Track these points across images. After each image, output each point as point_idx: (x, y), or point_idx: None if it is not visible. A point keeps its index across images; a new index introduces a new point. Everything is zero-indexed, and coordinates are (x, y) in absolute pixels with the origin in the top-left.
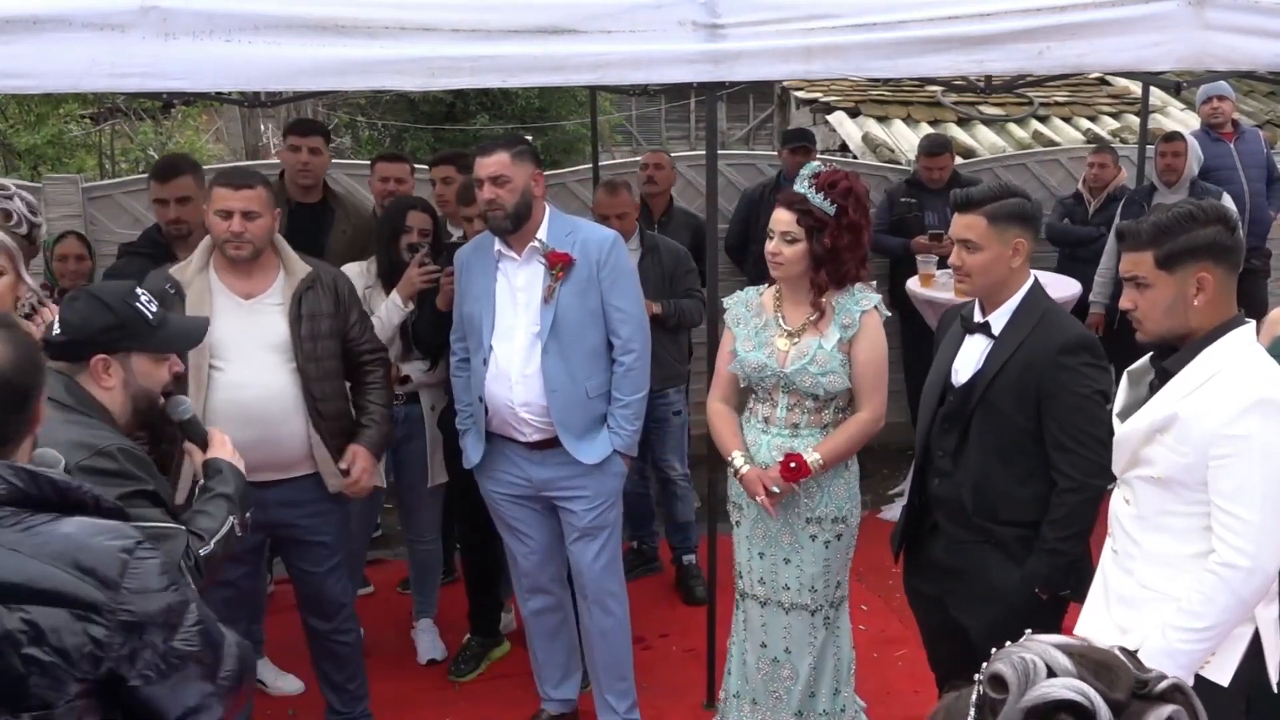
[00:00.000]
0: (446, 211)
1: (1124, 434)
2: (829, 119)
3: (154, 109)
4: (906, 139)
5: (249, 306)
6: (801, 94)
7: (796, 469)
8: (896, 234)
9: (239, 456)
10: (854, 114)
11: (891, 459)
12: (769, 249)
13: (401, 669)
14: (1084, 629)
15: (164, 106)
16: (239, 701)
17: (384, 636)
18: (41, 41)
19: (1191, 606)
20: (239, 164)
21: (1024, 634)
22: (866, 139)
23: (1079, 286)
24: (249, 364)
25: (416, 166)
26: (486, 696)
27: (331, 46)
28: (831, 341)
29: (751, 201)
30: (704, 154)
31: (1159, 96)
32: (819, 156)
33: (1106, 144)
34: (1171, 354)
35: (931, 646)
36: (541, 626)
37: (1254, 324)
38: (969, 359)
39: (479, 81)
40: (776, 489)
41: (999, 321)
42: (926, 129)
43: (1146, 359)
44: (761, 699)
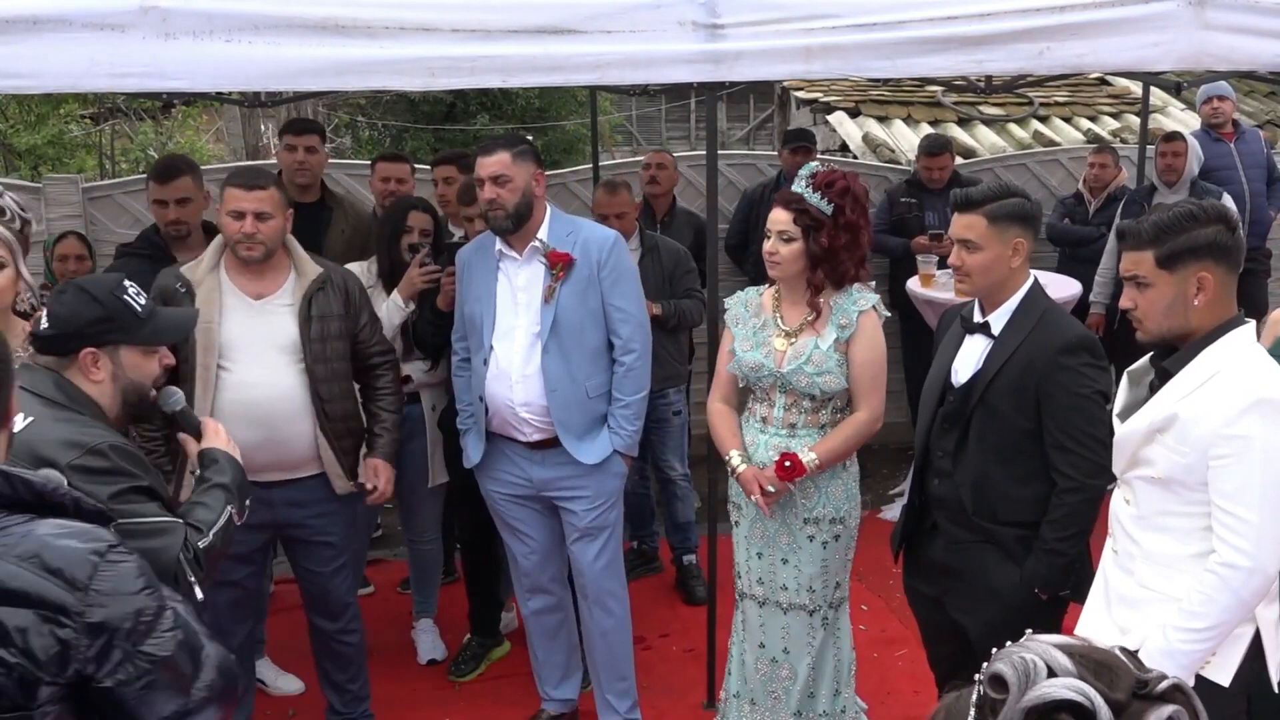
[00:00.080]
0: (448, 211)
1: (1124, 434)
2: (829, 119)
3: (154, 109)
4: (907, 139)
5: (259, 307)
6: (802, 94)
7: (791, 468)
8: (897, 234)
9: (234, 445)
10: (854, 114)
11: (891, 459)
12: (766, 248)
13: (401, 669)
14: (1084, 629)
15: (164, 106)
16: (225, 716)
17: (384, 636)
18: (41, 41)
19: (1192, 607)
20: (251, 164)
21: (1024, 634)
22: (867, 139)
23: (1079, 286)
24: (257, 364)
25: (417, 166)
26: (486, 696)
27: (331, 46)
28: (828, 341)
29: (752, 201)
30: (704, 154)
31: (1159, 96)
32: (819, 156)
33: (1107, 144)
34: (1171, 354)
35: (931, 647)
36: (541, 626)
37: (1254, 324)
38: (969, 359)
39: (479, 81)
40: (772, 488)
41: (999, 321)
42: (927, 129)
43: (1146, 359)
44: (760, 699)
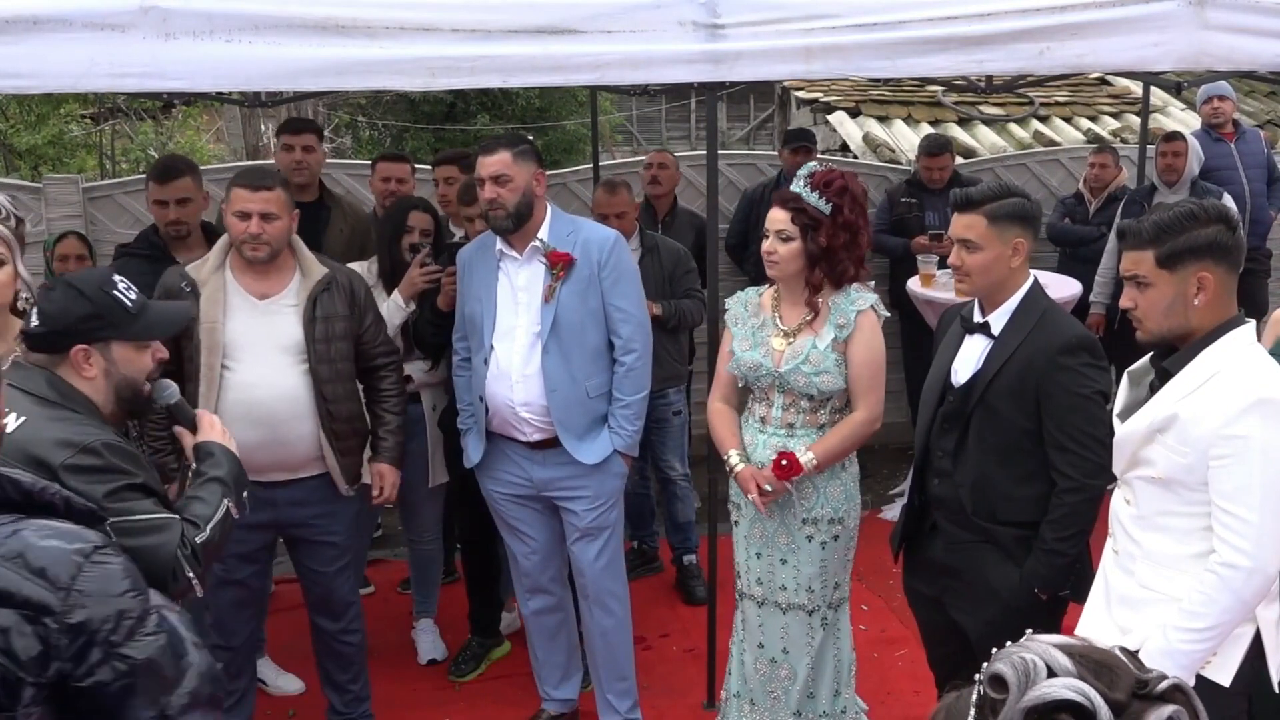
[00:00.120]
0: (448, 211)
1: (1124, 434)
2: (829, 119)
3: (154, 109)
4: (907, 139)
5: (263, 307)
6: (802, 94)
7: (788, 466)
8: (897, 234)
9: (230, 437)
10: (854, 114)
11: (891, 459)
12: (764, 247)
13: (401, 669)
14: (1085, 629)
15: (164, 106)
16: None
17: (384, 636)
18: (41, 41)
19: (1192, 607)
20: (257, 164)
21: (1023, 634)
22: (867, 139)
23: (1079, 286)
24: (260, 364)
25: (417, 166)
26: (486, 696)
27: (331, 46)
28: (825, 341)
29: (752, 201)
30: (704, 154)
31: (1159, 96)
32: (819, 156)
33: (1107, 144)
34: (1171, 354)
35: (931, 647)
36: (542, 626)
37: (1254, 324)
38: (968, 359)
39: (479, 81)
40: (769, 487)
41: (998, 321)
42: (927, 129)
43: (1146, 359)
44: (760, 699)
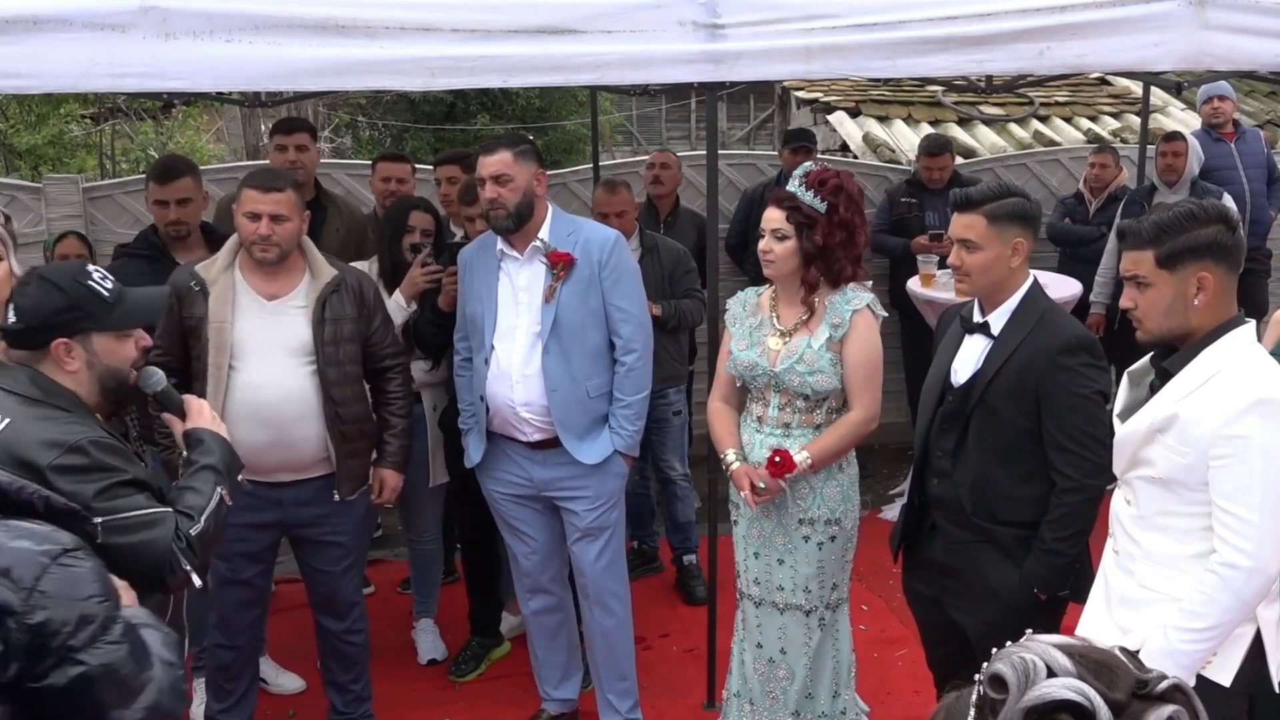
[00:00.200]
0: (450, 211)
1: (1124, 435)
2: (829, 119)
3: (154, 109)
4: (907, 139)
5: (272, 308)
6: (802, 94)
7: (781, 464)
8: (897, 234)
9: (219, 422)
10: (854, 114)
11: (891, 459)
12: (760, 247)
13: (401, 669)
14: (1085, 629)
15: (164, 106)
16: None
17: (384, 636)
18: (41, 41)
19: (1193, 607)
20: (268, 166)
21: (1023, 634)
22: (867, 139)
23: (1079, 286)
24: (268, 365)
25: (417, 166)
26: (486, 696)
27: (331, 46)
28: (820, 340)
29: (752, 201)
30: (704, 154)
31: (1159, 96)
32: (820, 156)
33: (1107, 144)
34: (1171, 354)
35: (930, 647)
36: (542, 626)
37: (1254, 324)
38: (968, 359)
39: (479, 81)
40: (762, 484)
41: (998, 321)
42: (927, 129)
43: (1147, 359)
44: (759, 699)
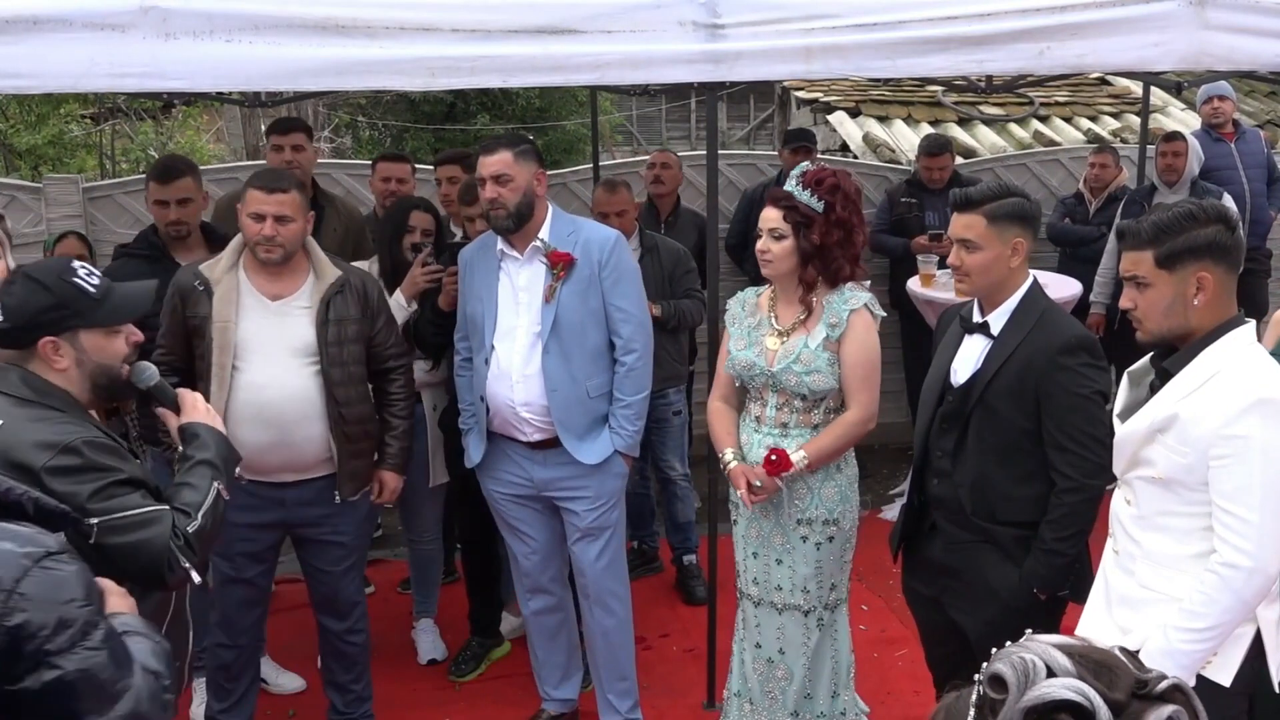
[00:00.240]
0: (450, 211)
1: (1124, 435)
2: (829, 119)
3: (154, 109)
4: (907, 139)
5: (276, 308)
6: (802, 94)
7: (777, 462)
8: (897, 234)
9: (213, 415)
10: (854, 114)
11: (892, 459)
12: (758, 247)
13: (401, 669)
14: (1085, 629)
15: (164, 106)
16: None
17: (384, 636)
18: (41, 41)
19: (1193, 607)
20: (273, 167)
21: (1023, 634)
22: (867, 139)
23: (1079, 286)
24: (271, 365)
25: (417, 166)
26: (486, 696)
27: (331, 46)
28: (817, 340)
29: (752, 201)
30: (704, 154)
31: (1159, 96)
32: (820, 156)
33: (1107, 144)
34: (1171, 354)
35: (930, 647)
36: (542, 627)
37: (1254, 324)
38: (968, 359)
39: (479, 81)
40: (758, 483)
41: (998, 321)
42: (927, 129)
43: (1147, 359)
44: (758, 699)
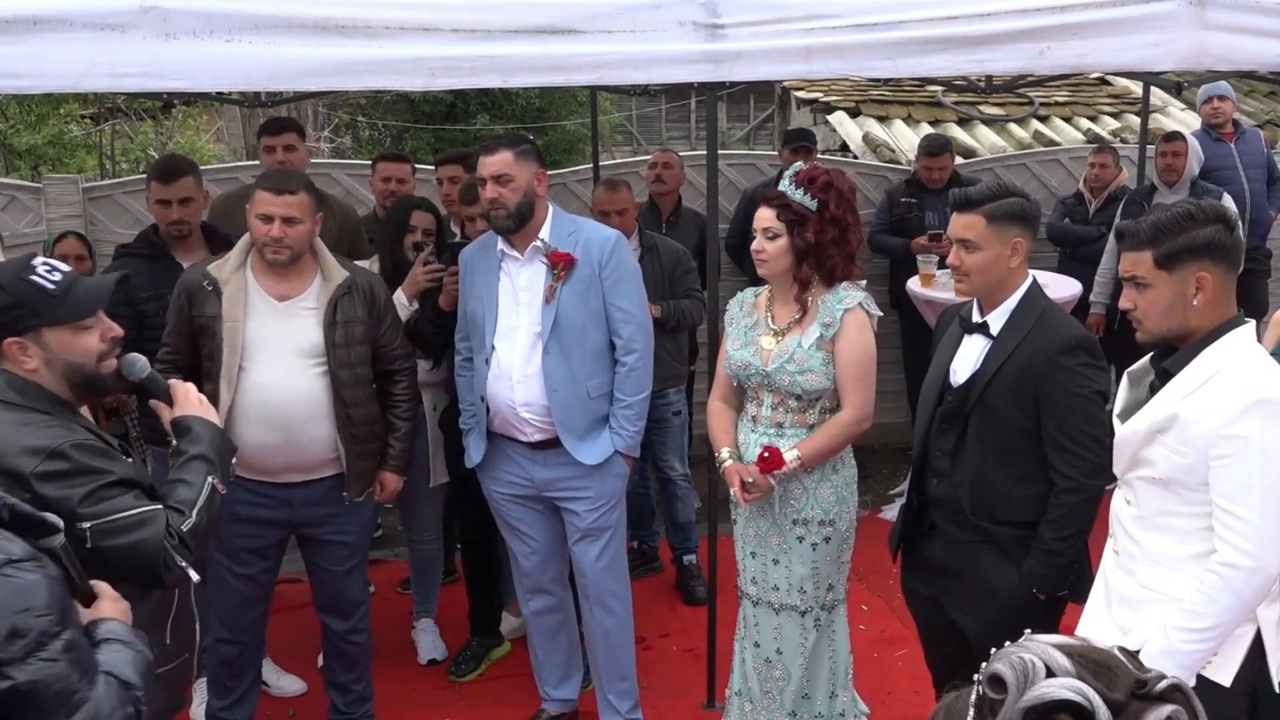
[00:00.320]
0: (452, 211)
1: (1124, 435)
2: (829, 119)
3: (154, 109)
4: (907, 139)
5: (283, 309)
6: (802, 94)
7: (770, 460)
8: (897, 234)
9: (208, 406)
10: (854, 114)
11: (891, 459)
12: (753, 247)
13: (401, 669)
14: (1085, 630)
15: (164, 106)
16: None
17: (384, 636)
18: (41, 41)
19: (1193, 607)
20: (282, 169)
21: (1022, 634)
22: (867, 139)
23: (1079, 286)
24: (276, 366)
25: (417, 166)
26: (486, 696)
27: (331, 46)
28: (810, 340)
29: (752, 201)
30: (704, 154)
31: (1159, 96)
32: (819, 156)
33: (1107, 144)
34: (1171, 354)
35: (929, 647)
36: (542, 627)
37: (1254, 324)
38: (967, 359)
39: (479, 81)
40: (751, 480)
41: (997, 321)
42: (927, 129)
43: (1146, 360)
44: (757, 698)
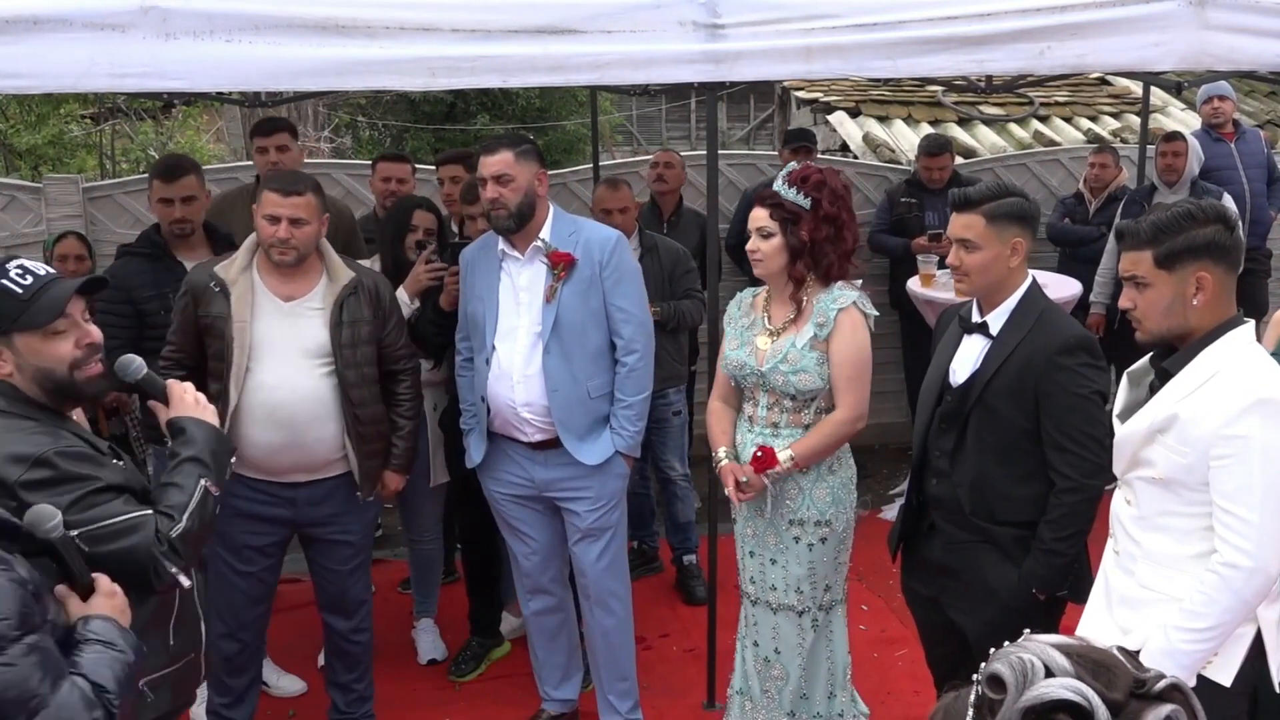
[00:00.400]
0: (452, 211)
1: (1124, 435)
2: (829, 119)
3: (154, 109)
4: (907, 139)
5: (289, 309)
6: (802, 94)
7: (764, 459)
8: (897, 234)
9: (204, 405)
10: (854, 114)
11: (891, 459)
12: (748, 247)
13: (401, 669)
14: (1086, 630)
15: (164, 106)
16: None
17: (384, 636)
18: (41, 41)
19: (1193, 607)
20: (291, 170)
21: (1021, 634)
22: (867, 139)
23: (1079, 286)
24: (283, 366)
25: (418, 166)
26: (486, 696)
27: (331, 46)
28: (804, 340)
29: (752, 201)
30: (704, 154)
31: (1159, 96)
32: (820, 156)
33: (1107, 144)
34: (1171, 354)
35: (929, 647)
36: (542, 627)
37: (1254, 324)
38: (967, 359)
39: (479, 81)
40: (745, 479)
41: (997, 321)
42: (927, 129)
43: (1146, 360)
44: (756, 697)
